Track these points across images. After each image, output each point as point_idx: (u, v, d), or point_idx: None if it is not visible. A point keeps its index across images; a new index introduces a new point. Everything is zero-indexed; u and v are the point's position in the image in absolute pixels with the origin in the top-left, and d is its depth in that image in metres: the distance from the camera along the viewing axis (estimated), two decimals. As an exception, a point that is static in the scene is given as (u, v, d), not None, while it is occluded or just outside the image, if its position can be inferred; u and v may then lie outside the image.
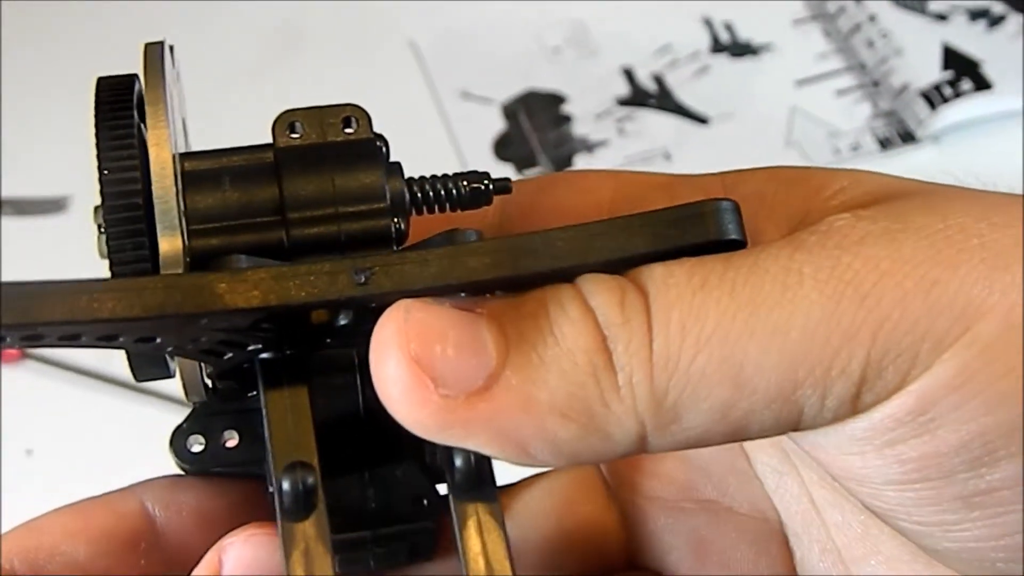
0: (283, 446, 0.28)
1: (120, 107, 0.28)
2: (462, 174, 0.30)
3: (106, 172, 0.28)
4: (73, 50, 0.83)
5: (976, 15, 0.84)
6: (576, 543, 0.34)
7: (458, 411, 0.25)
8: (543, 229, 0.27)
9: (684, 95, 0.82)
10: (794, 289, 0.26)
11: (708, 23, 0.86)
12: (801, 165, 0.31)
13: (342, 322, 0.27)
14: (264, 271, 0.26)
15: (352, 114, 0.29)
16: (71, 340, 0.26)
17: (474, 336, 0.25)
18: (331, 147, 0.29)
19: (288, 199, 0.28)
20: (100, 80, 0.29)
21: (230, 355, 0.28)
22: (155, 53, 0.29)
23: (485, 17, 0.85)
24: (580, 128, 0.81)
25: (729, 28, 0.85)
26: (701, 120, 0.81)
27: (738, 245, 0.27)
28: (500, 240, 0.27)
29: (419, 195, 0.30)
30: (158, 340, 0.26)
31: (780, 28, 0.85)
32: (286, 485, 0.27)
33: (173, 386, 0.79)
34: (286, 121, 0.29)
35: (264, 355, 0.28)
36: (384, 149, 0.29)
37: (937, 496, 0.27)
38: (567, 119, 0.82)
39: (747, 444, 0.34)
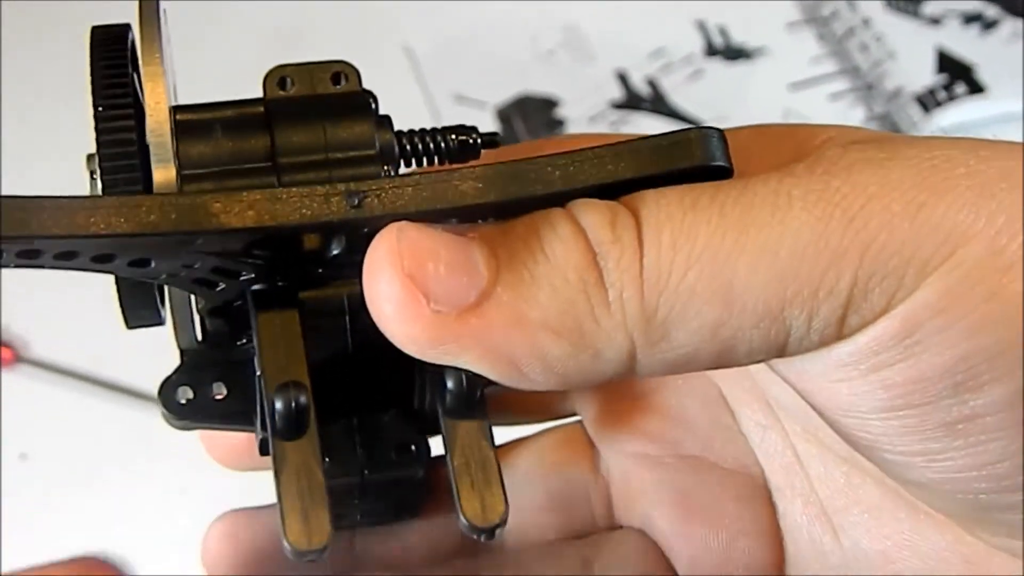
0: (275, 368, 0.28)
1: (114, 51, 0.29)
2: (451, 127, 0.31)
3: (100, 109, 0.28)
4: (73, 50, 0.83)
5: (970, 19, 0.84)
6: (562, 504, 0.34)
7: (450, 326, 0.25)
8: (533, 157, 0.27)
9: (678, 99, 0.82)
10: (783, 210, 0.26)
11: (702, 27, 0.86)
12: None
13: (334, 251, 0.27)
14: (259, 193, 0.26)
15: (342, 70, 0.29)
16: (67, 259, 0.26)
17: (466, 255, 0.26)
18: (321, 98, 0.29)
19: (279, 146, 0.28)
20: (94, 28, 0.29)
21: (222, 286, 0.28)
22: (150, 7, 0.29)
23: (479, 21, 0.85)
24: (574, 131, 0.81)
25: (723, 32, 0.85)
26: (695, 124, 0.81)
27: (724, 172, 0.27)
28: (492, 166, 0.27)
29: (408, 147, 0.30)
30: (152, 264, 0.26)
31: (774, 32, 0.85)
32: (279, 404, 0.27)
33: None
34: (276, 76, 0.29)
35: (256, 287, 0.28)
36: (374, 103, 0.30)
37: (921, 423, 0.27)
38: (561, 123, 0.82)
39: (731, 399, 0.34)
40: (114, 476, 0.69)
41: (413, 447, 0.31)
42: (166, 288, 0.29)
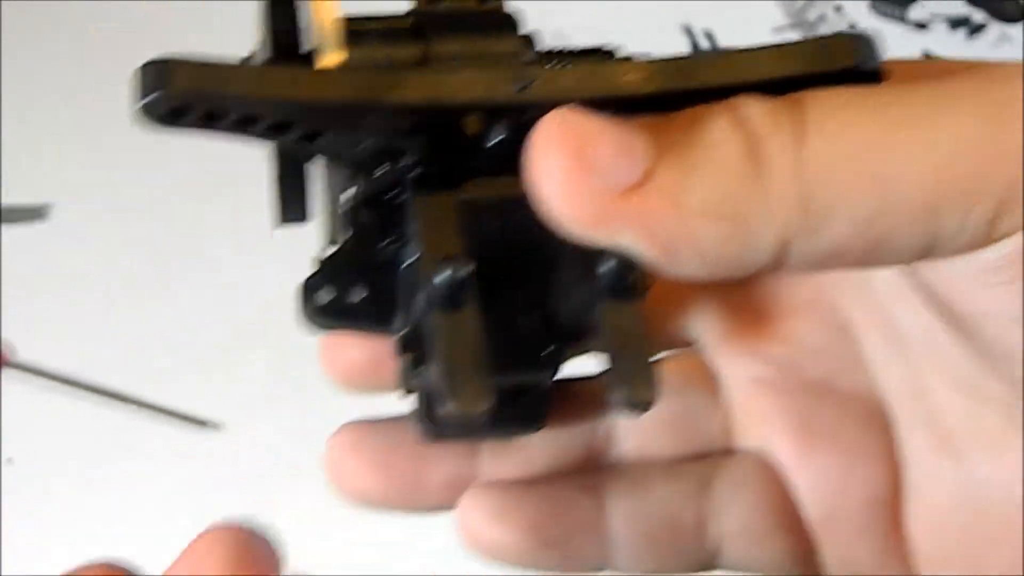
0: (435, 246, 0.28)
1: None
2: (590, 48, 0.31)
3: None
4: (73, 50, 0.83)
5: (956, 23, 0.85)
6: (682, 425, 0.34)
7: (612, 204, 0.26)
8: (697, 53, 0.28)
9: (665, 103, 0.82)
10: (947, 108, 0.26)
11: (688, 31, 0.86)
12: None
13: (495, 139, 0.28)
14: (430, 72, 0.27)
15: None
16: (246, 125, 0.27)
17: (630, 140, 0.26)
18: (472, 13, 0.30)
19: (434, 53, 0.29)
20: None
21: (382, 170, 0.29)
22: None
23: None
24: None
25: (709, 36, 0.85)
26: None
27: (875, 76, 0.28)
28: (657, 60, 0.28)
29: (555, 63, 0.30)
30: (322, 138, 0.27)
31: (760, 36, 0.85)
32: (441, 277, 0.27)
33: (154, 395, 0.79)
34: None
35: (415, 172, 0.29)
36: (521, 23, 0.31)
37: None
38: (549, 127, 0.82)
39: (856, 325, 0.34)
40: (102, 480, 0.69)
41: (546, 352, 0.31)
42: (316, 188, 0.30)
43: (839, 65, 0.28)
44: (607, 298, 0.29)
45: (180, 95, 0.26)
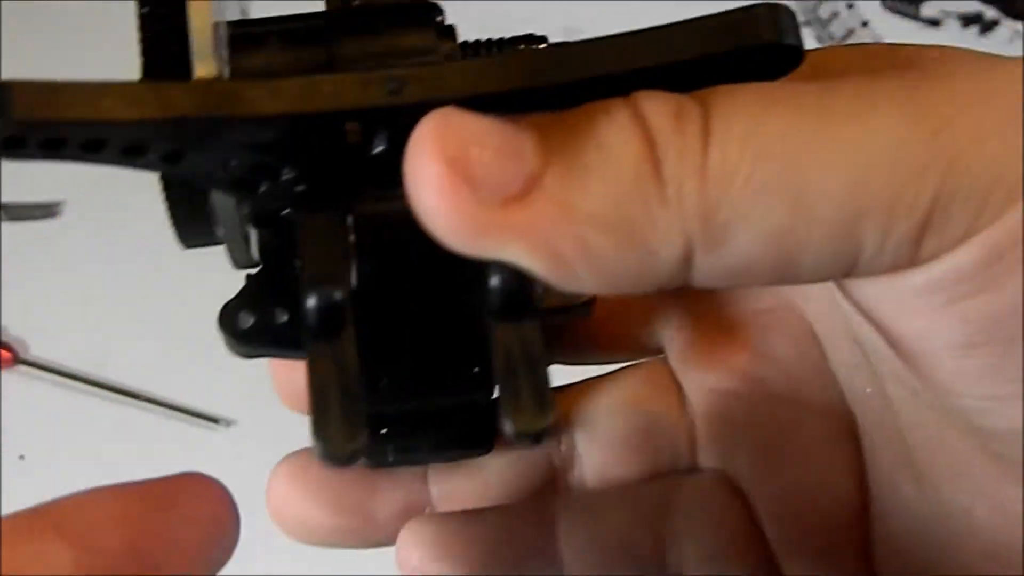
0: (313, 266, 0.26)
1: None
2: (519, 37, 0.29)
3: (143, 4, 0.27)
4: (73, 50, 0.83)
5: (969, 20, 0.84)
6: (645, 441, 0.32)
7: (494, 215, 0.23)
8: (592, 39, 0.25)
9: (677, 100, 0.82)
10: (867, 111, 0.24)
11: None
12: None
13: (378, 148, 0.25)
14: (296, 80, 0.25)
15: None
16: (94, 150, 0.25)
17: (514, 142, 0.24)
18: (382, 8, 0.28)
19: (337, 56, 0.27)
20: None
21: (265, 187, 0.26)
22: None
23: (478, 21, 0.85)
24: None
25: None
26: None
27: (795, 53, 0.25)
28: (545, 49, 0.26)
29: (472, 56, 0.29)
30: (186, 159, 0.25)
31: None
32: (311, 300, 0.25)
33: (166, 392, 0.78)
34: None
35: (300, 187, 0.26)
36: (439, 14, 0.28)
37: (1000, 363, 0.25)
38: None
39: (822, 337, 0.32)
40: (113, 477, 0.69)
41: (476, 369, 0.29)
42: (218, 205, 0.28)
43: (752, 41, 0.25)
44: (498, 317, 0.26)
45: (18, 122, 0.23)
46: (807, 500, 0.31)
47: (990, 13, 0.85)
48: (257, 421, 0.70)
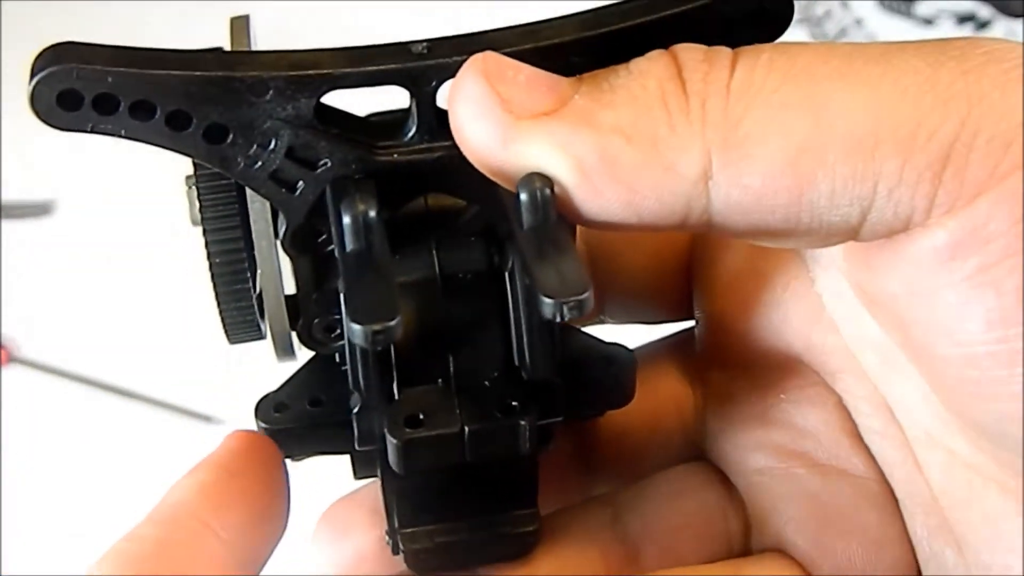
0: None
1: None
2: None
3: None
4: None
5: (963, 19, 0.85)
6: (701, 527, 0.32)
7: (522, 125, 0.25)
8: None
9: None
10: (895, 53, 0.24)
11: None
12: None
13: (410, 131, 0.27)
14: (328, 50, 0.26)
15: None
16: (143, 118, 0.26)
17: (549, 75, 0.25)
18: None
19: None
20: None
21: (302, 184, 0.27)
22: (240, 24, 0.29)
23: (479, 25, 0.85)
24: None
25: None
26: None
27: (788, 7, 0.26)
28: (581, 13, 0.27)
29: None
30: (229, 139, 0.26)
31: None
32: (347, 218, 0.26)
33: (158, 390, 0.78)
34: None
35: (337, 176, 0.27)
36: None
37: (1011, 351, 0.24)
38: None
39: (850, 406, 0.31)
40: (105, 476, 0.69)
41: (515, 403, 0.28)
42: (265, 304, 0.29)
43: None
44: (527, 227, 0.26)
45: (68, 72, 0.26)
46: (868, 567, 0.31)
47: (984, 12, 0.85)
48: (249, 420, 0.70)
